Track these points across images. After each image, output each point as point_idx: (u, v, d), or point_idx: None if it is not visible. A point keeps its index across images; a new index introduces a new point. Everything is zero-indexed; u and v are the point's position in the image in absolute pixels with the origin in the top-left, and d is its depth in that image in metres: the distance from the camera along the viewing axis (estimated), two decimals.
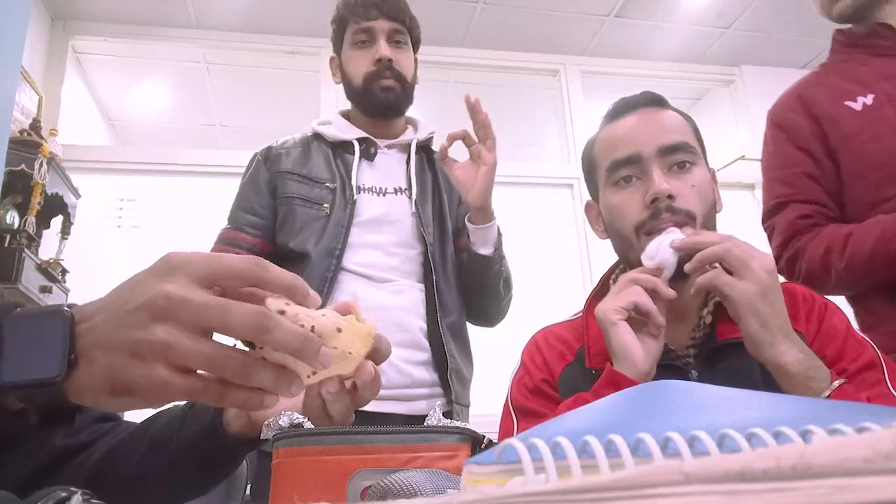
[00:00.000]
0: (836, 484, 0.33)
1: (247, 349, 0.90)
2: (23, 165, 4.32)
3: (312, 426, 1.13)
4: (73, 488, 0.72)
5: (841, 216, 2.41)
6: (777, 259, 2.45)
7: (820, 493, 0.33)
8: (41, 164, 4.39)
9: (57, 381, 0.83)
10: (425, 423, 1.16)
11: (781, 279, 1.83)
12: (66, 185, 4.83)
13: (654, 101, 1.83)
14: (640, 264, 1.64)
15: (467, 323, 2.80)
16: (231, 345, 0.88)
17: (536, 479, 0.46)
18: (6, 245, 4.20)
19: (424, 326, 2.60)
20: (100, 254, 5.29)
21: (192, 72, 6.37)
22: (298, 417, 1.14)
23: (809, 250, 2.33)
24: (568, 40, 6.49)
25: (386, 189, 2.74)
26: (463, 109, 2.44)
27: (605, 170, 1.77)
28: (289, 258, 2.55)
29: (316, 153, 2.79)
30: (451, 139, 2.47)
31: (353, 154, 2.75)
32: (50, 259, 4.54)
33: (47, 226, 4.81)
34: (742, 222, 6.17)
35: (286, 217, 2.64)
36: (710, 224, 1.71)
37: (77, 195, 4.97)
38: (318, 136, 2.85)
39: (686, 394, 0.62)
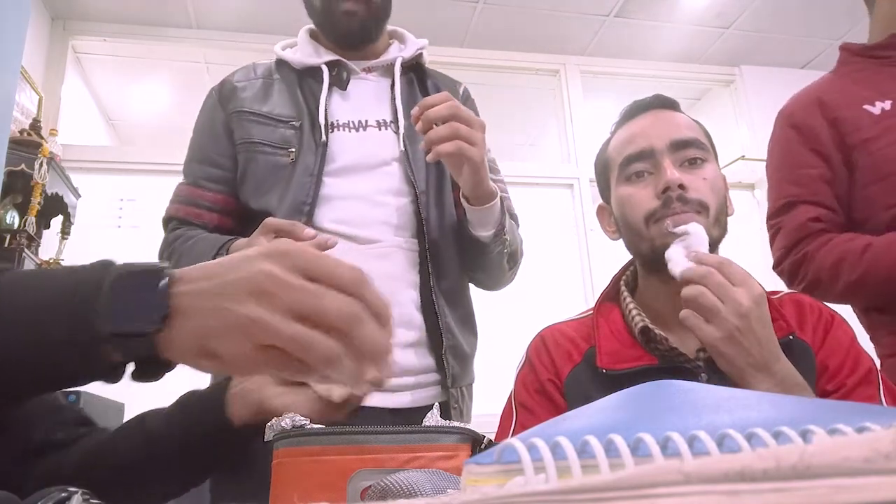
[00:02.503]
0: (836, 484, 0.33)
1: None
2: (23, 165, 4.33)
3: (314, 427, 1.13)
4: (71, 488, 0.73)
5: (848, 222, 2.41)
6: (781, 260, 2.46)
7: (820, 493, 0.33)
8: (41, 164, 4.39)
9: (151, 333, 0.86)
10: (423, 424, 1.16)
11: (784, 290, 1.84)
12: (66, 185, 4.84)
13: (666, 104, 1.84)
14: (650, 257, 1.66)
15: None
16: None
17: (536, 480, 0.46)
18: (6, 245, 4.21)
19: (417, 297, 2.16)
20: (100, 254, 5.26)
21: (192, 72, 6.36)
22: (300, 419, 1.14)
23: (819, 257, 2.31)
24: (568, 40, 6.50)
25: (366, 122, 2.28)
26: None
27: (619, 166, 1.77)
28: (253, 220, 2.03)
29: (279, 85, 2.34)
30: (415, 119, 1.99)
31: (322, 82, 2.30)
32: (50, 259, 4.55)
33: (47, 226, 4.82)
34: (742, 223, 6.17)
35: (246, 168, 2.22)
36: (721, 221, 1.70)
37: (77, 195, 4.98)
38: (282, 63, 2.39)
39: (686, 394, 0.62)
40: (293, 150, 2.18)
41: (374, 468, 1.03)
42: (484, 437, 1.14)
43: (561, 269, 6.02)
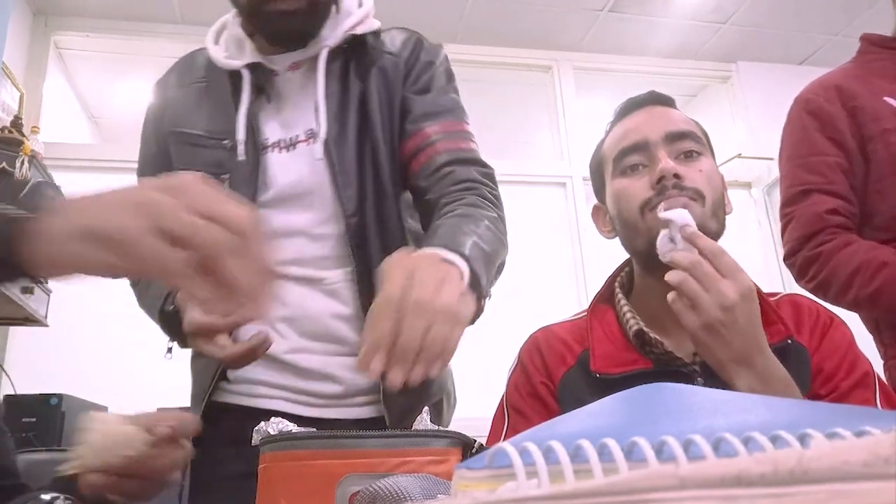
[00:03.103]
0: (835, 489, 0.33)
1: None
2: (3, 163, 4.31)
3: (301, 431, 1.13)
4: (55, 493, 0.73)
5: (860, 213, 2.40)
6: (793, 252, 2.44)
7: (818, 498, 0.33)
8: (23, 162, 4.38)
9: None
10: (413, 429, 1.16)
11: (783, 290, 1.84)
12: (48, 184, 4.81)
13: (661, 101, 1.85)
14: (646, 252, 1.64)
15: None
16: None
17: (528, 485, 0.46)
18: None
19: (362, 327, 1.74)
20: None
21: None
22: (286, 424, 1.14)
23: (835, 262, 2.30)
24: (561, 35, 6.49)
25: (296, 137, 1.96)
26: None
27: (613, 160, 1.77)
28: None
29: (212, 88, 2.03)
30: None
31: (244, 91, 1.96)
32: None
33: None
34: (739, 221, 6.17)
35: None
36: (719, 216, 1.70)
37: (59, 193, 4.96)
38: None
39: (681, 397, 0.62)
40: (226, 175, 1.92)
41: (363, 473, 1.03)
42: (475, 441, 1.14)
43: (554, 269, 6.01)
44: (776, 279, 5.94)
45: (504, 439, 1.71)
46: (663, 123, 1.74)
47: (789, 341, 1.61)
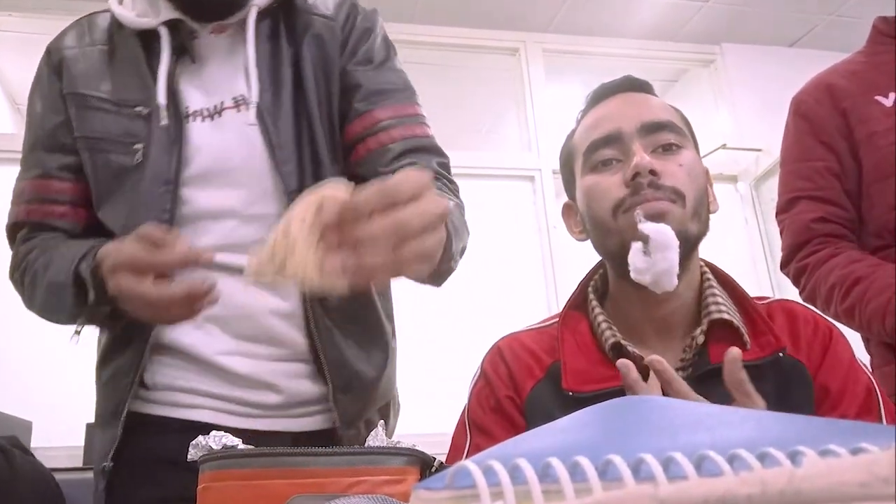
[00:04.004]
0: None
1: None
2: None
3: (245, 448, 1.12)
4: None
5: (857, 218, 2.46)
6: (786, 262, 2.55)
7: None
8: None
9: None
10: (367, 444, 1.15)
11: (773, 295, 1.85)
12: None
13: (637, 86, 1.84)
14: (620, 255, 1.62)
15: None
16: None
17: None
18: None
19: (305, 341, 1.86)
20: (6, 251, 5.24)
21: None
22: (231, 439, 1.14)
23: (818, 276, 2.39)
24: (528, 15, 6.49)
25: (221, 104, 1.88)
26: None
27: (583, 154, 1.75)
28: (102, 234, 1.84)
29: (121, 53, 1.93)
30: None
31: (162, 51, 1.85)
32: None
33: None
34: (724, 219, 6.20)
35: (87, 170, 1.89)
36: (701, 215, 1.68)
37: None
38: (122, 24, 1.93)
39: (661, 410, 0.62)
40: (139, 145, 1.83)
41: (313, 493, 1.03)
42: (434, 459, 1.14)
43: (521, 271, 6.00)
44: (765, 282, 5.98)
45: (466, 458, 1.71)
46: (639, 112, 1.73)
47: (781, 354, 1.59)
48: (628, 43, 6.82)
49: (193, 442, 1.14)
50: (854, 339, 1.83)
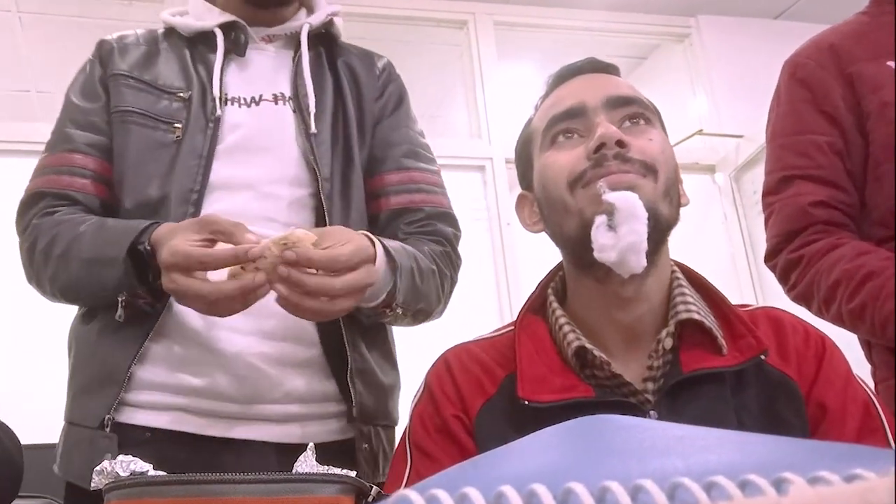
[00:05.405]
0: None
1: None
2: None
3: (156, 475, 1.12)
4: None
5: (860, 201, 2.39)
6: (773, 253, 2.44)
7: None
8: None
9: None
10: (294, 471, 1.15)
11: (756, 303, 1.85)
12: None
13: (603, 68, 1.84)
14: (579, 241, 1.61)
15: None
16: None
17: None
18: None
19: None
20: None
21: (0, 23, 6.25)
22: (142, 465, 1.13)
23: (817, 270, 2.29)
24: None
25: (260, 96, 2.27)
26: None
27: (542, 132, 1.76)
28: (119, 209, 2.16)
29: (166, 54, 2.34)
30: None
31: (216, 49, 2.28)
32: None
33: None
34: (700, 214, 6.24)
35: (121, 140, 2.19)
36: (673, 197, 1.68)
37: None
38: (171, 32, 2.39)
39: (629, 431, 0.62)
40: (179, 125, 2.18)
41: None
42: (371, 487, 1.14)
43: (468, 272, 5.92)
44: (746, 287, 5.97)
45: (406, 485, 1.70)
46: (604, 88, 1.73)
47: (763, 358, 1.60)
48: (591, 15, 6.81)
49: (98, 468, 1.14)
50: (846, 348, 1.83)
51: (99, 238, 1.99)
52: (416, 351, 2.47)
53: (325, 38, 2.44)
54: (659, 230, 1.60)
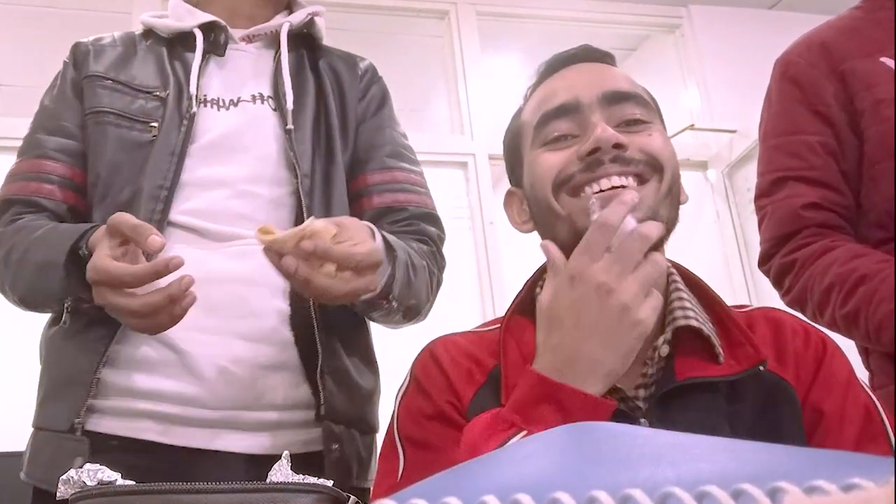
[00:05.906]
0: None
1: None
2: None
3: (124, 484, 1.12)
4: None
5: (854, 202, 2.40)
6: (767, 257, 2.45)
7: None
8: None
9: None
10: (269, 480, 1.15)
11: (751, 304, 1.84)
12: None
13: (598, 57, 1.83)
14: (569, 244, 1.56)
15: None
16: None
17: None
18: None
19: (286, 307, 2.11)
20: None
21: None
22: (109, 474, 1.13)
23: (810, 274, 2.30)
24: None
25: (239, 98, 2.32)
26: None
27: (534, 128, 1.74)
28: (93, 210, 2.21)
29: (144, 55, 2.39)
30: None
31: (195, 49, 2.33)
32: None
33: None
34: (693, 214, 6.24)
35: (96, 142, 2.23)
36: (675, 196, 1.69)
37: None
38: (150, 34, 2.45)
39: (618, 439, 0.62)
40: (155, 123, 2.23)
41: None
42: (349, 497, 1.14)
43: (451, 272, 5.92)
44: (740, 287, 5.97)
45: (401, 480, 1.70)
46: (601, 81, 1.72)
47: (761, 368, 1.58)
48: (578, 4, 6.83)
49: (64, 477, 1.14)
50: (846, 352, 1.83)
51: (46, 243, 2.03)
52: (396, 354, 2.47)
53: (307, 41, 2.52)
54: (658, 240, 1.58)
